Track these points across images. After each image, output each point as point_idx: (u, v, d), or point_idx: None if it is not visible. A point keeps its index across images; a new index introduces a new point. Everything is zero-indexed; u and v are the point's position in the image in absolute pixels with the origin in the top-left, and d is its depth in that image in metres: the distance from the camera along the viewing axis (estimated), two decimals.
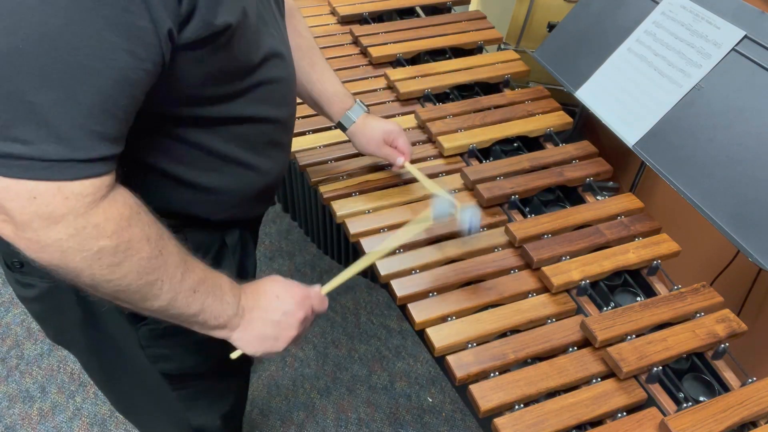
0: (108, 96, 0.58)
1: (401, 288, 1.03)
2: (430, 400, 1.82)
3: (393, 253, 1.07)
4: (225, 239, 0.93)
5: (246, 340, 0.80)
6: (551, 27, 2.02)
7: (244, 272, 0.99)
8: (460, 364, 0.93)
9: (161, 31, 0.60)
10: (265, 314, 0.80)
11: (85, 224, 0.60)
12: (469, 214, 0.96)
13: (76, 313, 0.88)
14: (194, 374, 1.02)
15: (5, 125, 0.56)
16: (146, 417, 1.14)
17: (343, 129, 1.12)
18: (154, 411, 1.10)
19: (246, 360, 1.14)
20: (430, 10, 1.75)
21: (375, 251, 0.98)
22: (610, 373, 0.93)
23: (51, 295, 0.86)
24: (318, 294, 0.87)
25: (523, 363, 0.95)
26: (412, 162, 1.14)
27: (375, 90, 1.44)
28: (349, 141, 1.27)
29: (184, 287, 0.71)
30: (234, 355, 0.83)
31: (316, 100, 1.09)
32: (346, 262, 1.76)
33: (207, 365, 1.01)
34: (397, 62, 1.52)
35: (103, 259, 0.62)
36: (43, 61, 0.55)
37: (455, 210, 0.96)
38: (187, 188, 0.80)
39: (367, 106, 1.39)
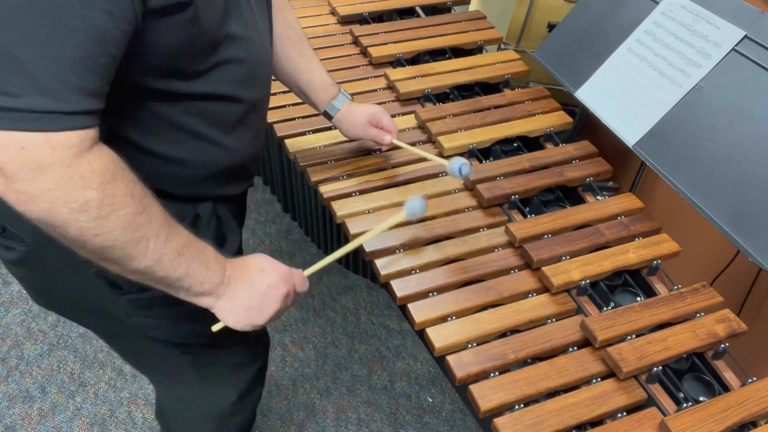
0: (88, 52, 0.62)
1: (401, 288, 1.03)
2: (430, 400, 1.82)
3: (393, 252, 1.08)
4: (198, 211, 0.94)
5: (230, 310, 0.81)
6: (551, 27, 2.02)
7: (226, 244, 0.99)
8: (460, 364, 0.93)
9: None
10: (251, 286, 0.82)
11: (71, 174, 0.63)
12: (457, 164, 1.03)
13: (58, 277, 0.89)
14: (198, 344, 1.02)
15: None
16: (167, 385, 1.16)
17: (329, 117, 1.15)
18: (172, 379, 1.11)
19: (256, 337, 1.13)
20: (430, 10, 1.75)
21: (356, 241, 1.01)
22: (610, 373, 0.93)
23: (32, 258, 0.88)
24: (300, 274, 0.90)
25: (523, 363, 0.95)
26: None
27: (375, 90, 1.44)
28: (349, 141, 1.27)
29: (169, 249, 0.73)
30: (215, 328, 0.85)
31: (304, 90, 1.12)
32: (346, 262, 1.76)
33: (201, 335, 0.98)
34: (397, 62, 1.52)
35: (90, 212, 0.65)
36: (27, 18, 0.58)
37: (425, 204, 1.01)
38: (154, 158, 0.82)
39: None
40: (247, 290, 0.82)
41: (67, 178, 0.63)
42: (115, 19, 0.63)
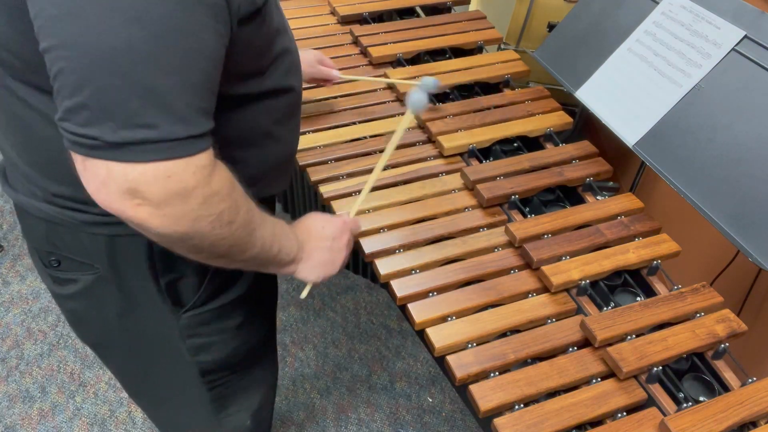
0: (208, 75, 0.65)
1: (401, 288, 1.03)
2: (430, 400, 1.82)
3: (393, 252, 1.08)
4: None
5: (309, 270, 0.90)
6: (551, 27, 2.03)
7: None
8: (460, 364, 0.93)
9: (232, 7, 0.65)
10: (319, 243, 0.91)
11: (209, 193, 0.67)
12: (419, 94, 1.04)
13: (116, 306, 0.91)
14: (229, 365, 1.04)
15: (135, 114, 0.60)
16: (177, 420, 1.15)
17: None
18: (186, 415, 1.11)
19: (271, 349, 1.17)
20: (430, 10, 1.75)
21: (379, 163, 1.04)
22: (610, 373, 0.93)
23: (92, 289, 0.89)
24: (351, 219, 0.99)
25: (523, 363, 0.95)
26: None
27: (375, 90, 1.44)
28: (349, 141, 1.27)
29: (267, 232, 0.80)
30: (304, 294, 0.98)
31: None
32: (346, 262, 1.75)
33: (242, 353, 1.03)
34: (397, 62, 1.52)
35: (224, 219, 0.70)
36: (161, 49, 0.59)
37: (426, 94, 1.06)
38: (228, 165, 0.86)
39: (367, 106, 1.40)
40: (318, 249, 0.91)
41: (207, 197, 0.66)
42: (222, 38, 0.65)
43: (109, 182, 0.62)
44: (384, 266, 1.05)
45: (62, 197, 0.80)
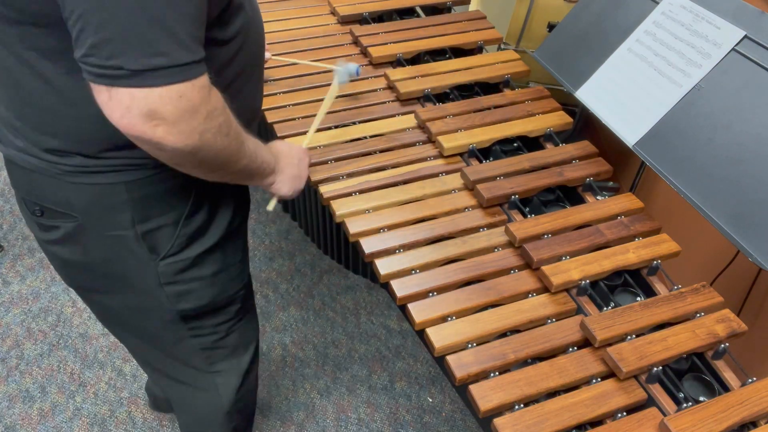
0: (201, 8, 0.74)
1: (401, 288, 1.03)
2: (430, 400, 1.82)
3: (393, 252, 1.08)
4: None
5: (284, 182, 1.03)
6: (551, 27, 2.03)
7: (246, 201, 1.13)
8: (460, 364, 0.93)
9: None
10: (290, 160, 1.05)
11: (210, 108, 0.77)
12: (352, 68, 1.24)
13: (96, 252, 0.96)
14: (209, 313, 1.09)
15: (151, 44, 0.69)
16: (170, 373, 1.20)
17: None
18: (176, 364, 1.17)
19: (251, 306, 1.23)
20: (430, 10, 1.75)
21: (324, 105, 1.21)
22: (610, 373, 0.93)
23: (73, 235, 0.95)
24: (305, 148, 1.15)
25: (523, 363, 0.95)
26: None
27: (375, 90, 1.44)
28: (349, 141, 1.27)
29: (251, 145, 0.91)
30: (270, 206, 1.12)
31: None
32: (346, 262, 1.76)
33: (221, 301, 1.10)
34: (397, 62, 1.52)
35: (222, 130, 0.80)
36: None
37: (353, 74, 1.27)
38: None
39: (367, 106, 1.40)
40: (289, 165, 1.04)
41: (209, 111, 0.77)
42: None
43: (132, 107, 0.71)
44: (384, 266, 1.05)
45: (48, 150, 0.86)
